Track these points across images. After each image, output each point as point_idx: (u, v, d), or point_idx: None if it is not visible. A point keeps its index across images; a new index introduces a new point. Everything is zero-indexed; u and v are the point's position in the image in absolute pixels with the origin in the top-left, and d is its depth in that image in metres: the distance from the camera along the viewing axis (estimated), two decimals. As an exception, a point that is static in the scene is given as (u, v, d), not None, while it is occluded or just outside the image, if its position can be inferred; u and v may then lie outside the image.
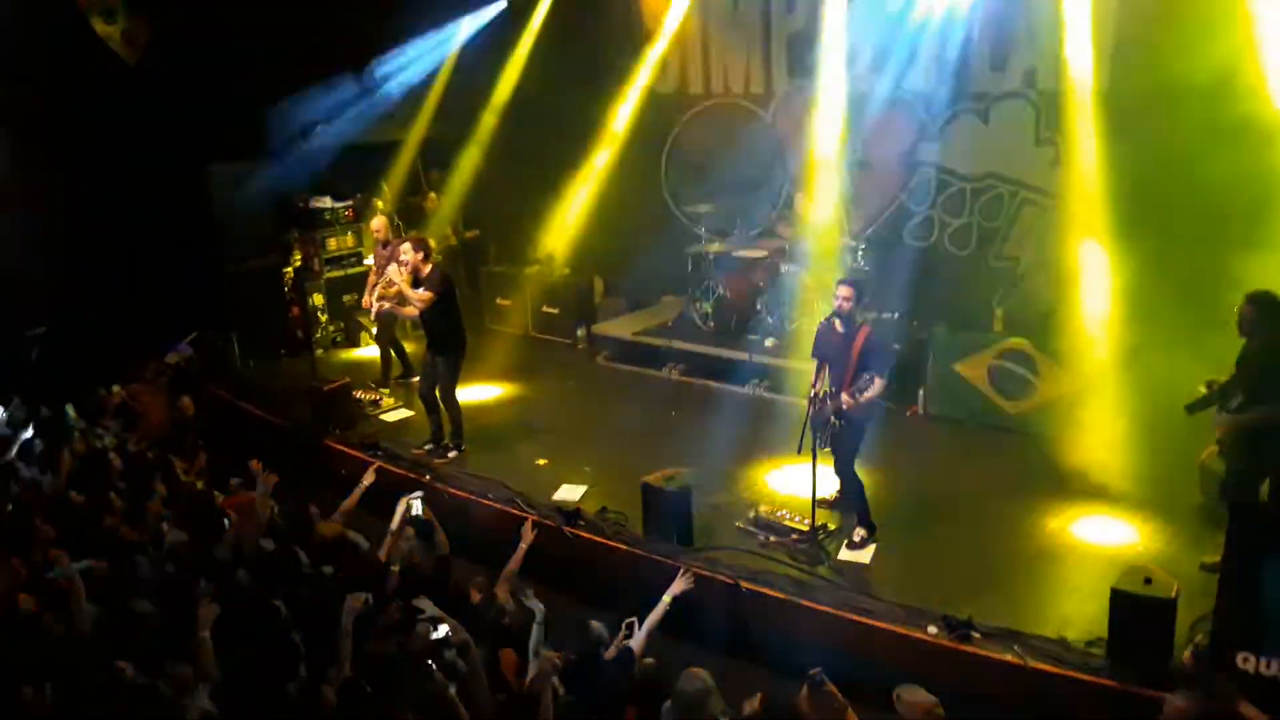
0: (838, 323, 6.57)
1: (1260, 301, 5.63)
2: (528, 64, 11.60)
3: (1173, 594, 5.22)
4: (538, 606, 4.95)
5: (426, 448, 8.55)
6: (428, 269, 8.19)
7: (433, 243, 8.82)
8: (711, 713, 4.12)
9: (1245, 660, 4.72)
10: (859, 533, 6.81)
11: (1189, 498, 6.02)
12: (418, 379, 9.28)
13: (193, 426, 8.65)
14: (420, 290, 8.12)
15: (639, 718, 4.04)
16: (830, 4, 9.75)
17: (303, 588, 5.20)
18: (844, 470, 6.82)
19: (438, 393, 8.42)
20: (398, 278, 8.17)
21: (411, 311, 8.43)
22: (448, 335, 8.33)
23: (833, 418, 6.51)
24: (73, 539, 5.68)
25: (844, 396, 6.39)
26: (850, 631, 5.85)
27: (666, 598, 5.36)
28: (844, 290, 6.53)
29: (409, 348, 10.52)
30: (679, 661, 4.57)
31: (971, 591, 6.04)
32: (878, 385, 6.40)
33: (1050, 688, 5.27)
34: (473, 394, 9.43)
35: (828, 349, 6.68)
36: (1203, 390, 5.90)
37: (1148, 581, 5.26)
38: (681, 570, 5.68)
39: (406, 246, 8.19)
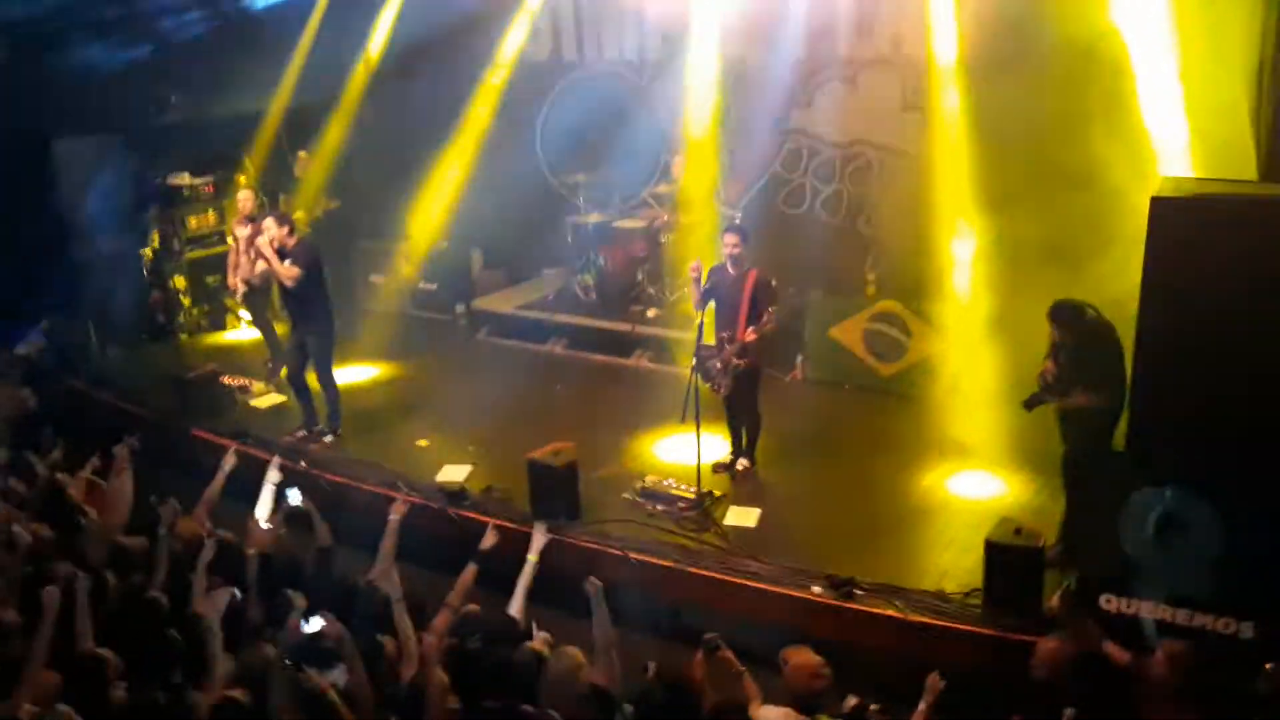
0: (729, 265, 6.94)
1: (1059, 315, 5.72)
2: (394, 29, 11.19)
3: (1040, 543, 5.45)
4: (393, 587, 4.79)
5: (300, 434, 8.25)
6: (293, 243, 7.88)
7: (299, 215, 8.45)
8: (583, 689, 4.07)
9: (1109, 601, 4.95)
10: (742, 462, 7.31)
11: (1054, 449, 6.26)
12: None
13: (39, 419, 8.13)
14: (287, 264, 7.80)
15: (519, 699, 3.96)
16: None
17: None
18: (749, 409, 7.23)
19: (312, 374, 8.13)
20: (267, 251, 7.83)
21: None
22: (317, 312, 8.01)
23: (734, 359, 6.87)
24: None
25: (748, 332, 6.77)
26: (738, 595, 5.93)
27: (532, 556, 5.31)
28: (731, 238, 6.95)
29: (279, 330, 10.08)
30: (569, 638, 4.52)
31: (853, 550, 6.20)
32: (773, 320, 6.82)
33: (931, 638, 5.44)
34: (348, 375, 9.13)
35: (720, 290, 6.99)
36: (1038, 387, 5.96)
37: (1018, 532, 5.48)
38: (536, 526, 5.68)
39: (269, 222, 7.87)
